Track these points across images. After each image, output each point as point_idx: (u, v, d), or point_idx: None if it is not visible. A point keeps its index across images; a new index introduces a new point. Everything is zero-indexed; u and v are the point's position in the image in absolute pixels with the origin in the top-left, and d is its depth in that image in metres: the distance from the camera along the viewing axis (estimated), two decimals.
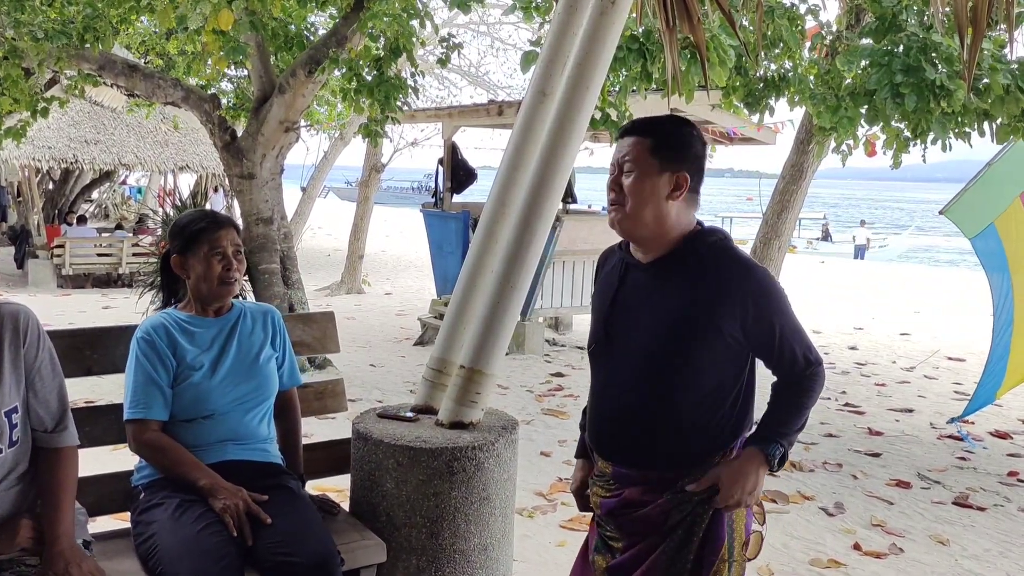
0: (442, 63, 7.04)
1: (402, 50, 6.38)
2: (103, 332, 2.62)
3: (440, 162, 9.78)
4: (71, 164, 13.77)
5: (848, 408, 6.73)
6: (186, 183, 19.91)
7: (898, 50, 5.12)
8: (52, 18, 6.50)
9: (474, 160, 10.19)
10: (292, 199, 12.89)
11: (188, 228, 2.45)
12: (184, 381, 2.37)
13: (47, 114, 7.62)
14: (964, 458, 5.53)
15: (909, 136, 5.68)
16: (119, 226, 15.57)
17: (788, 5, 6.02)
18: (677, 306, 1.93)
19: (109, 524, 2.81)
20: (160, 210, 11.88)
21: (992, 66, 4.95)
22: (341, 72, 6.60)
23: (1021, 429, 6.29)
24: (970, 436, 5.92)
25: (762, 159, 21.83)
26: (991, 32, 5.00)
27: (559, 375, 7.55)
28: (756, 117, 6.65)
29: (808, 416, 2.02)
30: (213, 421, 2.39)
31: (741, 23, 6.00)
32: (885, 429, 6.14)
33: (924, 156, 5.83)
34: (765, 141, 9.38)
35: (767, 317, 1.91)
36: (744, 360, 1.97)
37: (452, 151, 9.61)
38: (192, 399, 2.37)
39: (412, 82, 6.73)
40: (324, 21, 10.45)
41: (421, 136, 17.77)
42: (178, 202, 9.39)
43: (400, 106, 6.60)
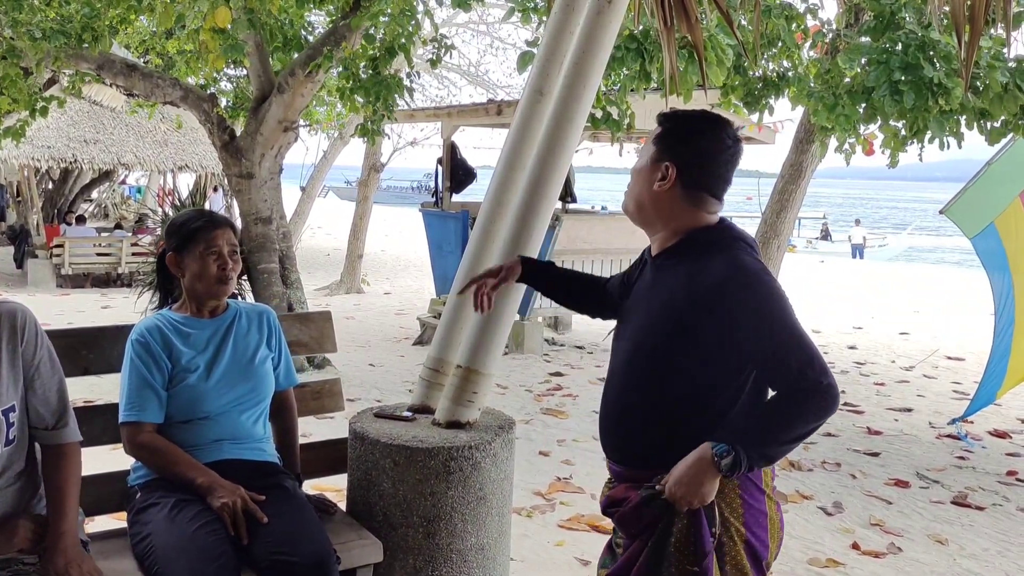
0: (433, 64, 7.04)
1: (398, 50, 6.38)
2: (100, 332, 2.61)
3: (439, 162, 9.78)
4: (70, 164, 13.75)
5: (847, 407, 6.73)
6: (185, 183, 19.90)
7: (896, 48, 5.12)
8: (51, 17, 6.49)
9: (473, 159, 10.20)
10: (291, 198, 12.88)
11: (185, 226, 2.44)
12: (180, 383, 2.37)
13: (46, 113, 7.60)
14: (963, 458, 5.53)
15: (906, 135, 5.68)
16: (118, 226, 15.56)
17: (786, 4, 6.01)
18: (666, 303, 1.88)
19: (106, 524, 2.82)
20: (159, 210, 11.86)
21: (991, 64, 4.95)
22: (337, 71, 6.60)
23: (1020, 428, 6.29)
24: (969, 436, 5.92)
25: (761, 158, 21.77)
26: (990, 31, 5.00)
27: (558, 375, 7.55)
28: (756, 116, 6.65)
29: (792, 437, 1.77)
30: (209, 422, 2.39)
31: (739, 22, 6.00)
32: (884, 428, 6.14)
33: (920, 155, 5.83)
34: (764, 140, 9.37)
35: (755, 321, 1.78)
36: (740, 365, 1.83)
37: (451, 150, 9.61)
38: (188, 401, 2.37)
39: (408, 82, 6.73)
40: (323, 20, 10.45)
41: (420, 136, 17.78)
42: (177, 202, 9.37)
43: (393, 107, 6.59)
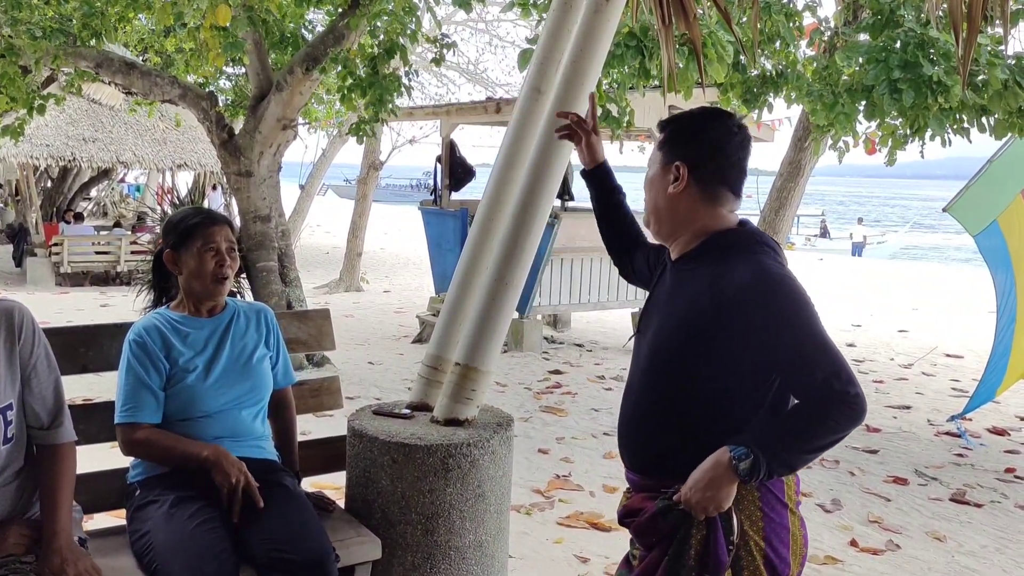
0: (436, 63, 7.04)
1: (396, 49, 6.38)
2: (99, 330, 2.61)
3: (438, 160, 9.77)
4: (69, 162, 13.72)
5: None
6: (184, 181, 19.88)
7: (895, 46, 5.11)
8: (49, 16, 6.49)
9: (472, 158, 10.18)
10: (290, 197, 12.88)
11: (182, 223, 2.44)
12: (178, 383, 2.37)
13: (44, 111, 7.59)
14: (961, 455, 5.53)
15: (905, 133, 5.68)
16: (117, 224, 15.54)
17: (785, 1, 6.01)
18: (686, 308, 1.82)
19: (105, 521, 2.82)
20: (158, 208, 11.86)
21: (990, 61, 4.95)
22: (337, 70, 6.60)
23: (1018, 426, 6.30)
24: (967, 433, 5.93)
25: (760, 156, 21.64)
26: (988, 28, 5.00)
27: (557, 372, 7.55)
28: (755, 114, 6.65)
29: (814, 446, 1.71)
30: (208, 420, 2.39)
31: (739, 20, 6.00)
32: (883, 426, 6.15)
33: (922, 152, 5.83)
34: (763, 138, 9.37)
35: (778, 328, 1.71)
36: (762, 373, 1.77)
37: (450, 149, 9.60)
38: (186, 401, 2.37)
39: (407, 81, 6.72)
40: (322, 18, 10.45)
41: (419, 134, 17.77)
42: (176, 200, 9.36)
43: (391, 106, 6.60)
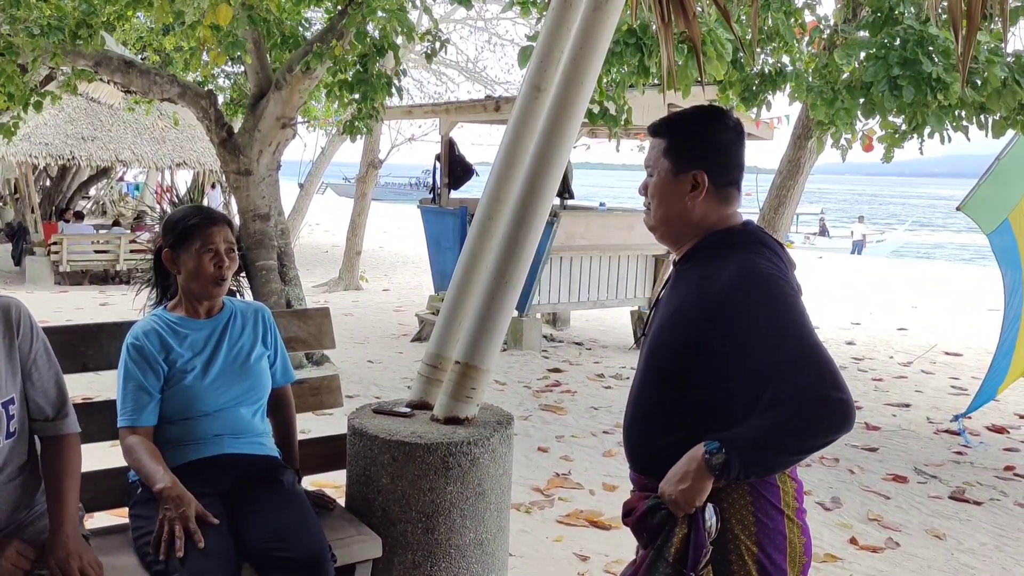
0: (428, 58, 7.01)
1: (388, 48, 6.38)
2: (99, 328, 2.61)
3: (437, 158, 9.77)
4: (68, 161, 13.72)
5: None
6: (183, 180, 19.87)
7: (895, 43, 5.11)
8: (47, 14, 6.46)
9: (472, 156, 10.17)
10: (289, 195, 12.89)
11: (181, 223, 2.43)
12: (176, 384, 2.37)
13: (40, 108, 7.56)
14: (961, 453, 5.54)
15: (906, 130, 5.67)
16: (116, 223, 15.53)
17: None
18: (678, 310, 1.82)
19: (106, 520, 2.82)
20: (157, 207, 11.84)
21: (989, 59, 4.95)
22: (327, 67, 6.59)
23: (1018, 424, 6.30)
24: (967, 432, 5.92)
25: (759, 154, 21.59)
26: (988, 25, 5.00)
27: (557, 371, 7.56)
28: (754, 112, 6.65)
29: (795, 449, 1.67)
30: (208, 418, 2.39)
31: (738, 18, 6.00)
32: (882, 424, 6.15)
33: (921, 148, 5.82)
34: (762, 136, 9.36)
35: (763, 331, 1.68)
36: (751, 376, 1.72)
37: (449, 147, 9.59)
38: (185, 401, 2.37)
39: (397, 81, 6.71)
40: (320, 16, 10.43)
41: (418, 132, 17.78)
42: (175, 198, 9.34)
43: (380, 105, 6.59)
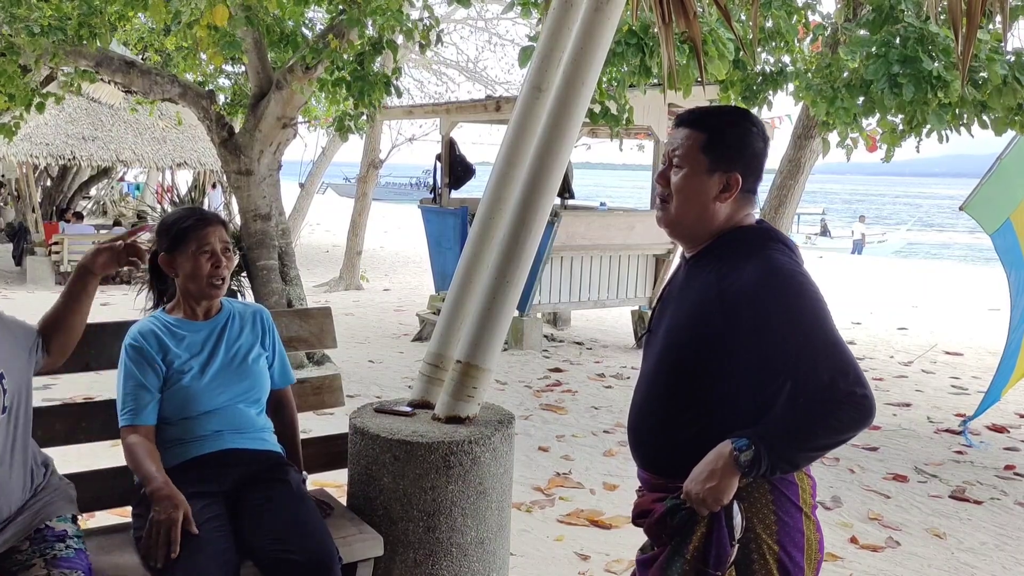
0: (423, 48, 6.98)
1: (384, 47, 6.37)
2: (102, 328, 2.62)
3: (438, 158, 9.77)
4: (69, 161, 13.71)
5: None
6: (184, 180, 19.88)
7: (895, 41, 5.12)
8: (48, 14, 6.47)
9: (472, 156, 10.17)
10: (290, 195, 12.88)
11: (175, 226, 2.43)
12: (174, 384, 2.37)
13: (42, 109, 7.57)
14: (961, 452, 5.54)
15: (904, 129, 5.68)
16: (117, 222, 15.53)
17: None
18: (696, 306, 1.77)
19: (108, 519, 2.83)
20: (158, 207, 11.85)
21: (990, 57, 4.95)
22: (324, 65, 6.59)
23: (1018, 423, 6.30)
24: (969, 432, 5.91)
25: None
26: (988, 24, 5.00)
27: (557, 370, 7.56)
28: (755, 112, 6.65)
29: (818, 445, 1.72)
30: (209, 416, 2.40)
31: (739, 17, 6.01)
32: (882, 423, 6.16)
33: (918, 147, 5.81)
34: None
35: (786, 326, 1.66)
36: (771, 373, 1.71)
37: (450, 147, 9.60)
38: (182, 401, 2.37)
39: (394, 79, 6.70)
40: (322, 17, 10.44)
41: (419, 132, 17.79)
42: (176, 198, 9.35)
43: (376, 104, 6.57)
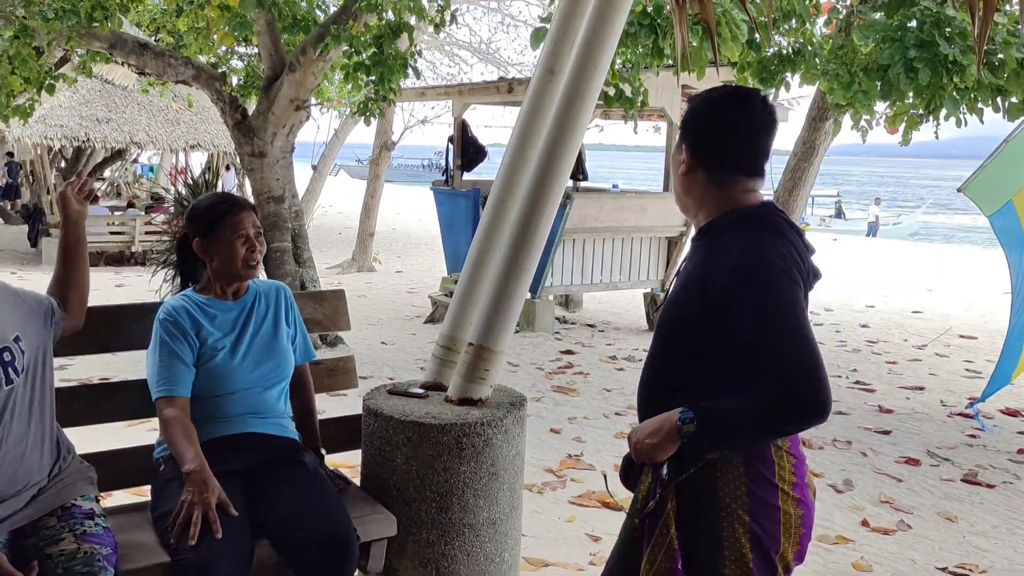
0: (437, 29, 6.95)
1: (402, 29, 6.36)
2: (119, 310, 2.67)
3: (450, 140, 9.76)
4: (83, 143, 13.80)
5: (859, 386, 6.73)
6: (197, 161, 19.94)
7: (911, 25, 5.06)
8: None
9: (485, 138, 10.15)
10: (303, 177, 12.89)
11: (210, 211, 2.48)
12: (207, 362, 2.42)
13: (53, 91, 7.62)
14: (974, 436, 5.53)
15: (923, 112, 5.63)
16: (131, 204, 15.62)
17: None
18: (682, 288, 1.84)
19: (126, 498, 2.88)
20: (172, 188, 11.89)
21: (1006, 40, 4.89)
22: (343, 49, 6.57)
23: None
24: (981, 415, 5.89)
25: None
26: (1006, 7, 4.94)
27: (569, 352, 7.58)
28: (771, 93, 6.60)
29: (762, 432, 1.69)
30: (235, 396, 2.45)
31: None
32: (895, 407, 6.15)
33: (936, 132, 5.77)
34: (778, 118, 9.31)
35: (752, 317, 1.65)
36: (739, 358, 1.70)
37: (462, 129, 9.58)
38: (215, 379, 2.42)
39: (412, 61, 6.68)
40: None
41: (431, 114, 17.73)
42: (190, 180, 9.38)
43: (396, 87, 6.56)
